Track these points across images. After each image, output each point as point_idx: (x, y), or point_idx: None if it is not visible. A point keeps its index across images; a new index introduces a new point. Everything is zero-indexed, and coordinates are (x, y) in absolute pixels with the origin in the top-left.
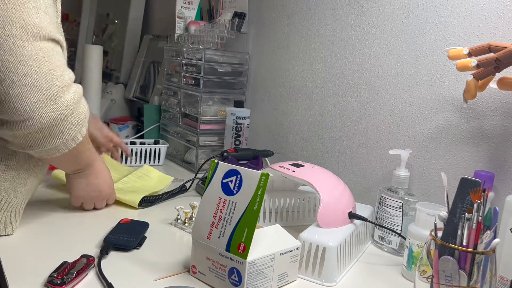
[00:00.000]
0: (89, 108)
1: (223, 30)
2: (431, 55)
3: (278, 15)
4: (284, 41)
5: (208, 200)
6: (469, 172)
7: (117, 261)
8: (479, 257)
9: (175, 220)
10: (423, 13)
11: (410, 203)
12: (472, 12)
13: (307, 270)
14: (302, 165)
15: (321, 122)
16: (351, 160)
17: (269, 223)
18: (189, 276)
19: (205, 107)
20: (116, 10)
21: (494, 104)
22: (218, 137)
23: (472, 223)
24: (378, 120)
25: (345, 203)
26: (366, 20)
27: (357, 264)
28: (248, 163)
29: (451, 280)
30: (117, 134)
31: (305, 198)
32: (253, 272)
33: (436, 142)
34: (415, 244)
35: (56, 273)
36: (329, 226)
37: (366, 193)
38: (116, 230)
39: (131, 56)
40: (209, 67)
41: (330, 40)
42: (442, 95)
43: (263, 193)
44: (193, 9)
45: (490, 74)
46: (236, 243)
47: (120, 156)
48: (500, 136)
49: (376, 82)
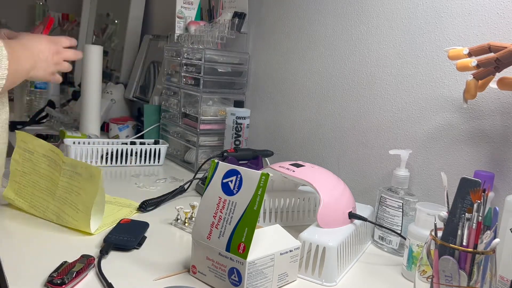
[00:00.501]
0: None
1: (223, 30)
2: (431, 55)
3: (278, 15)
4: (284, 41)
5: (208, 200)
6: (469, 172)
7: (117, 261)
8: (479, 257)
9: (175, 220)
10: (423, 13)
11: (410, 203)
12: (472, 12)
13: (307, 270)
14: (302, 165)
15: (321, 122)
16: (351, 160)
17: (269, 223)
18: (189, 276)
19: (205, 107)
20: (116, 10)
21: (494, 104)
22: (218, 137)
23: (472, 223)
24: (378, 120)
25: (345, 203)
26: (366, 20)
27: (357, 264)
28: (248, 163)
29: (451, 280)
30: (117, 134)
31: (305, 198)
32: (253, 272)
33: (436, 142)
34: (415, 244)
35: (56, 273)
36: (329, 226)
37: (366, 193)
38: (116, 230)
39: (131, 56)
40: (209, 67)
41: (330, 40)
42: (442, 95)
43: (263, 193)
44: (193, 9)
45: (490, 74)
46: (236, 243)
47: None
48: (500, 136)
49: (376, 82)
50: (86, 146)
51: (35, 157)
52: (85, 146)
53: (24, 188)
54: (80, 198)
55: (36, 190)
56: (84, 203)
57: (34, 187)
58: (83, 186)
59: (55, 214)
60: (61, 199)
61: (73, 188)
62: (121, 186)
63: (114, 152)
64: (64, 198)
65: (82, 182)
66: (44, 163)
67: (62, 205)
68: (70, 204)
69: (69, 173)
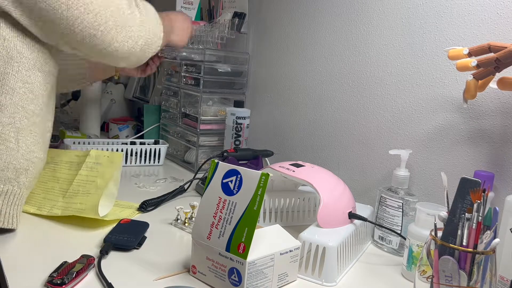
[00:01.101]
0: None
1: (223, 30)
2: (431, 55)
3: (278, 15)
4: (284, 41)
5: (208, 200)
6: (469, 172)
7: (117, 261)
8: (479, 257)
9: (175, 220)
10: (423, 13)
11: (410, 203)
12: (472, 12)
13: (307, 270)
14: (302, 165)
15: (321, 122)
16: (351, 160)
17: (269, 223)
18: (189, 276)
19: (205, 107)
20: None
21: (494, 104)
22: (218, 137)
23: (472, 223)
24: (378, 120)
25: (345, 203)
26: (366, 20)
27: (357, 264)
28: (248, 163)
29: (451, 280)
30: (117, 134)
31: (305, 198)
32: (253, 272)
33: (436, 142)
34: (415, 244)
35: (56, 273)
36: (329, 226)
37: (366, 193)
38: (116, 230)
39: None
40: (209, 67)
41: (330, 40)
42: (442, 95)
43: (263, 193)
44: (193, 9)
45: (490, 74)
46: (236, 243)
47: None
48: (500, 136)
49: (376, 82)
50: (86, 146)
51: (58, 166)
52: (85, 146)
53: (37, 195)
54: (94, 184)
55: (48, 194)
56: (98, 186)
57: (47, 192)
58: (101, 173)
59: (61, 208)
60: (72, 194)
61: (89, 179)
62: (121, 186)
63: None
64: (76, 191)
65: (101, 169)
66: (65, 169)
67: (72, 199)
68: (82, 193)
69: (91, 165)
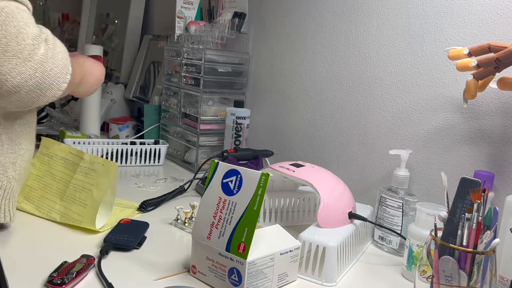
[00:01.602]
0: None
1: (223, 30)
2: (431, 55)
3: (278, 15)
4: (284, 41)
5: (208, 200)
6: (469, 172)
7: (117, 261)
8: (479, 257)
9: (175, 220)
10: (423, 13)
11: (410, 203)
12: (472, 12)
13: (307, 270)
14: (302, 165)
15: (321, 122)
16: (351, 160)
17: (269, 223)
18: (189, 276)
19: (205, 107)
20: (116, 10)
21: (494, 104)
22: (218, 137)
23: (472, 223)
24: (378, 120)
25: (345, 203)
26: (366, 20)
27: (357, 264)
28: (248, 163)
29: (451, 280)
30: (117, 134)
31: (305, 198)
32: (253, 272)
33: (436, 142)
34: (415, 244)
35: (56, 273)
36: (329, 226)
37: (366, 193)
38: (116, 230)
39: (131, 56)
40: (209, 67)
41: (330, 40)
42: (442, 95)
43: (263, 193)
44: (193, 9)
45: (490, 74)
46: (236, 243)
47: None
48: (500, 136)
49: (376, 82)
50: (86, 146)
51: (53, 161)
52: (85, 146)
53: (34, 191)
54: (90, 194)
55: (45, 193)
56: (94, 198)
57: (45, 189)
58: (96, 182)
59: (60, 213)
60: (70, 199)
61: (85, 186)
62: (121, 186)
63: (114, 152)
64: (73, 197)
65: (96, 178)
66: (61, 165)
67: (69, 204)
68: (79, 202)
69: (86, 170)
